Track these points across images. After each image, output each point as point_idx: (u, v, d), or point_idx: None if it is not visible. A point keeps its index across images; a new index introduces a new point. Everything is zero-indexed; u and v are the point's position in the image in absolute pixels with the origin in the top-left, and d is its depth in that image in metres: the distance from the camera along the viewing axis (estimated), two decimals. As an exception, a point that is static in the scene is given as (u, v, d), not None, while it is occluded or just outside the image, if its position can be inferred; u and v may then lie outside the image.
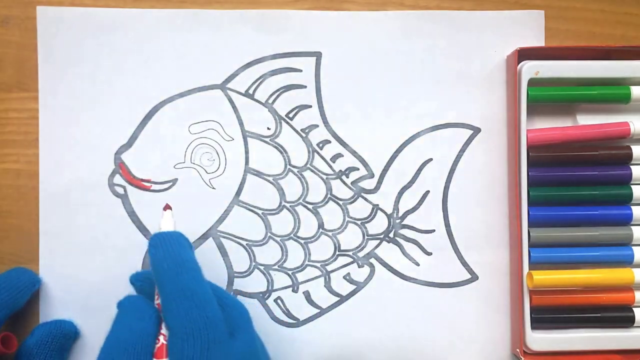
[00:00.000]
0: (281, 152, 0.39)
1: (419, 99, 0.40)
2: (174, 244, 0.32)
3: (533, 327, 0.37)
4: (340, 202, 0.39)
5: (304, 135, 0.39)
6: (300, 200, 0.39)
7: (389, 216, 0.40)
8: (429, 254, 0.40)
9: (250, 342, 0.31)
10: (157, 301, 0.32)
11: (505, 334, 0.39)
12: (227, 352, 0.29)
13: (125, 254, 0.38)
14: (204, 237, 0.39)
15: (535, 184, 0.38)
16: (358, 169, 0.40)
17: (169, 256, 0.31)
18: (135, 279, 0.34)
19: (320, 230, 0.39)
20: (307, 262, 0.39)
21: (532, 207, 0.38)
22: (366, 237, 0.40)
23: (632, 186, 0.38)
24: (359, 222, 0.40)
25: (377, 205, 0.40)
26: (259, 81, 0.39)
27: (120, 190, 0.39)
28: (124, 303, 0.32)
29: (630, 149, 0.38)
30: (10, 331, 0.37)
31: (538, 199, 0.38)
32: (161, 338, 0.30)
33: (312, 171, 0.39)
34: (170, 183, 0.39)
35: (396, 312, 0.39)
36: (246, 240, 0.39)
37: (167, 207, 0.34)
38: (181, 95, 0.39)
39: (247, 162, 0.39)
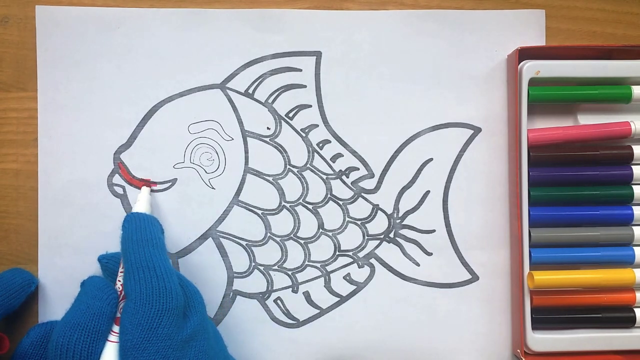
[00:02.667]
0: (281, 152, 0.39)
1: (419, 98, 0.39)
2: (147, 223, 0.34)
3: (534, 328, 0.37)
4: (340, 202, 0.39)
5: (303, 135, 0.39)
6: (300, 200, 0.39)
7: (389, 216, 0.40)
8: (430, 254, 0.40)
9: (202, 324, 0.32)
10: (120, 270, 0.33)
11: (506, 335, 0.39)
12: (179, 325, 0.30)
13: (124, 254, 0.38)
14: (203, 237, 0.39)
15: (536, 184, 0.38)
16: (358, 169, 0.39)
17: (139, 231, 0.33)
18: (102, 257, 0.36)
19: (320, 230, 0.39)
20: (307, 263, 0.39)
21: (532, 207, 0.38)
22: (366, 237, 0.39)
23: (634, 186, 0.38)
24: (359, 222, 0.39)
25: (377, 205, 0.40)
26: (258, 81, 0.39)
27: (119, 190, 0.38)
28: (86, 282, 0.34)
29: (632, 148, 0.38)
30: (8, 332, 0.37)
31: (539, 198, 0.38)
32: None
33: (312, 171, 0.39)
34: (170, 183, 0.39)
35: (396, 313, 0.39)
36: (246, 240, 0.39)
37: (147, 184, 0.38)
38: (180, 94, 0.39)
39: (246, 162, 0.39)
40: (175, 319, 0.30)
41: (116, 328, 0.31)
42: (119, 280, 0.33)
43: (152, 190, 0.39)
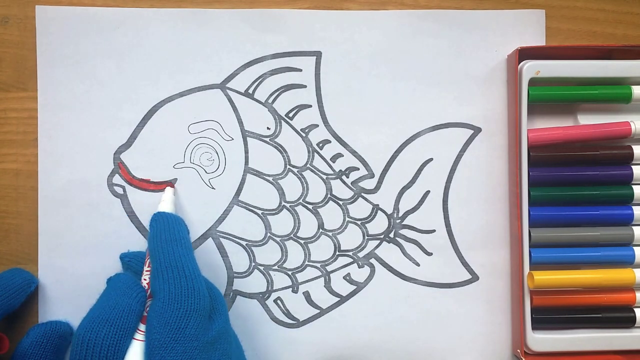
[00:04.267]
0: (281, 152, 0.39)
1: (419, 98, 0.39)
2: (174, 223, 0.34)
3: (534, 328, 0.37)
4: (340, 202, 0.39)
5: (303, 135, 0.39)
6: (300, 200, 0.39)
7: (389, 216, 0.40)
8: (430, 254, 0.40)
9: (225, 327, 0.31)
10: (146, 268, 0.33)
11: (506, 335, 0.39)
12: (205, 326, 0.30)
13: (124, 254, 0.38)
14: (203, 237, 0.39)
15: (536, 184, 0.38)
16: (358, 169, 0.39)
17: (167, 231, 0.33)
18: (124, 255, 0.36)
19: (320, 230, 0.39)
20: (307, 263, 0.39)
21: (532, 207, 0.38)
22: (366, 237, 0.39)
23: (634, 186, 0.38)
24: (359, 222, 0.39)
25: (377, 205, 0.40)
26: (258, 81, 0.39)
27: (119, 190, 0.38)
28: (113, 279, 0.34)
29: (632, 148, 0.38)
30: (9, 332, 0.37)
31: (539, 198, 0.38)
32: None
33: (312, 171, 0.39)
34: (170, 183, 0.39)
35: (396, 313, 0.39)
36: (246, 240, 0.39)
37: (170, 185, 0.38)
38: (180, 94, 0.39)
39: (246, 162, 0.39)
40: (202, 320, 0.29)
41: (142, 326, 0.31)
42: (145, 279, 0.33)
43: (149, 190, 0.39)
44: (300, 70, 0.39)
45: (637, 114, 0.39)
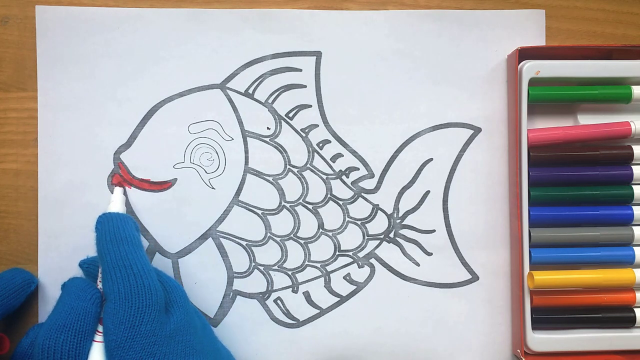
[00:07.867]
0: (281, 152, 0.39)
1: (419, 98, 0.39)
2: (119, 221, 0.34)
3: (534, 328, 0.37)
4: (340, 202, 0.39)
5: (303, 135, 0.39)
6: (300, 200, 0.39)
7: (389, 216, 0.40)
8: (430, 254, 0.40)
9: (186, 318, 0.32)
10: (100, 279, 0.33)
11: (506, 335, 0.39)
12: (162, 321, 0.30)
13: (124, 254, 0.38)
14: (203, 237, 0.39)
15: (536, 184, 0.38)
16: (358, 169, 0.39)
17: (112, 230, 0.33)
18: (83, 262, 0.35)
19: (320, 230, 0.39)
20: (307, 263, 0.39)
21: (532, 207, 0.38)
22: (366, 237, 0.39)
23: (634, 186, 0.38)
24: (359, 222, 0.39)
25: (377, 205, 0.40)
26: (258, 81, 0.39)
27: (119, 190, 0.38)
28: (67, 284, 0.33)
29: (632, 148, 0.38)
30: (8, 332, 0.37)
31: (539, 198, 0.38)
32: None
33: (312, 171, 0.39)
34: (170, 183, 0.39)
35: (396, 313, 0.39)
36: (246, 240, 0.39)
37: (119, 184, 0.38)
38: (180, 94, 0.39)
39: (246, 162, 0.39)
40: (157, 315, 0.30)
41: (101, 328, 0.31)
42: (100, 282, 0.33)
43: (149, 190, 0.39)
44: (300, 70, 0.39)
45: (637, 114, 0.39)
